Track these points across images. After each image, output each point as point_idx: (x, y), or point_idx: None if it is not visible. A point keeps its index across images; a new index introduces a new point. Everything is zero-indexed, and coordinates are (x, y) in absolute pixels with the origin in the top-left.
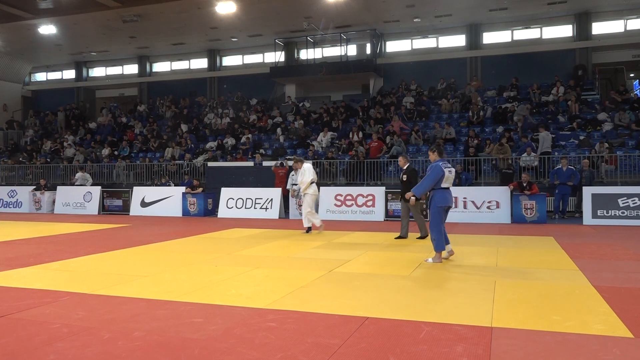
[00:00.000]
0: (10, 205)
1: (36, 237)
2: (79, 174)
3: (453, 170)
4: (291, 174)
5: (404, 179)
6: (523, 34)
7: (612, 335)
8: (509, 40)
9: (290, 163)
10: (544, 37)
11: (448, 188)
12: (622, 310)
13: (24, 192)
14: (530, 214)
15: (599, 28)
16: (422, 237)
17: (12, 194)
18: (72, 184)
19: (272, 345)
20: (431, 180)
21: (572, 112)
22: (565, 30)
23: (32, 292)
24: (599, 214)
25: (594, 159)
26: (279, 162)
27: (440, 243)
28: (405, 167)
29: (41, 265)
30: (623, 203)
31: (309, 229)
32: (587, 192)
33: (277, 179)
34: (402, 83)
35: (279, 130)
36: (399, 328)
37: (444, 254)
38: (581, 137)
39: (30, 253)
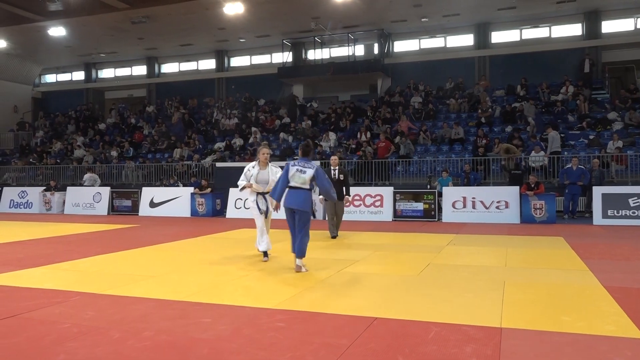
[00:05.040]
0: (21, 206)
1: (46, 237)
2: (87, 175)
3: (306, 170)
4: None
5: (341, 179)
6: (531, 33)
7: (623, 337)
8: (518, 39)
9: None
10: (552, 36)
11: (296, 188)
12: (633, 311)
13: (35, 193)
14: (540, 214)
15: (609, 26)
16: (335, 237)
17: (22, 194)
18: (82, 185)
19: (281, 345)
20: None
21: (582, 112)
22: (574, 29)
23: (43, 292)
24: (609, 214)
25: (604, 159)
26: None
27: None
28: (338, 167)
29: (51, 266)
30: (634, 203)
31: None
32: (597, 191)
33: None
34: (410, 83)
35: (282, 134)
36: (408, 328)
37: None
38: (591, 137)
39: (40, 253)
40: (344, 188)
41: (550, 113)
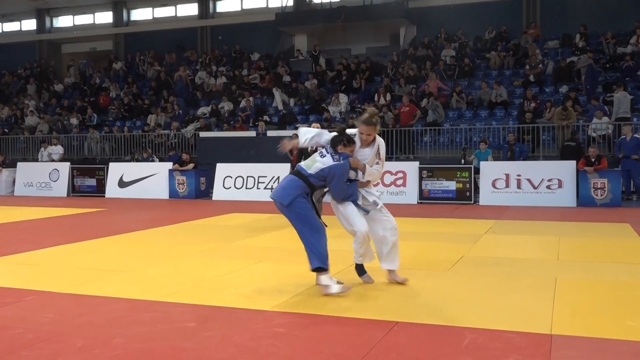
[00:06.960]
0: None
1: None
2: (59, 147)
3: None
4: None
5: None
6: None
7: None
8: None
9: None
10: None
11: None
12: None
13: None
14: (601, 195)
15: None
16: None
17: None
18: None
19: (280, 355)
20: None
21: None
22: None
23: None
24: None
25: None
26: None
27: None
28: None
29: (0, 258)
30: None
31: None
32: None
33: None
34: (441, 32)
35: (277, 94)
36: (436, 335)
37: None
38: None
39: None
40: None
41: (617, 69)
